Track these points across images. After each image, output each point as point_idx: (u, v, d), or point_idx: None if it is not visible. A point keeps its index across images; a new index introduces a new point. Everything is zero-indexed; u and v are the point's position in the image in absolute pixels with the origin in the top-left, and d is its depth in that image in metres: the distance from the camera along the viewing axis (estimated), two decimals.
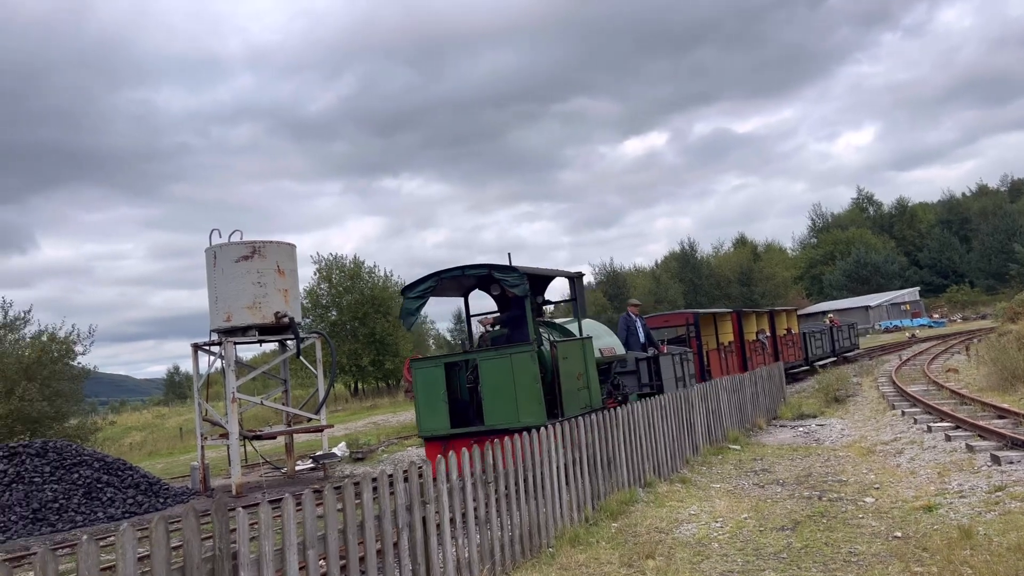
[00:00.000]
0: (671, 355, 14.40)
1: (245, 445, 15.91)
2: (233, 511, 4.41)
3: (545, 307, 11.96)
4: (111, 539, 10.04)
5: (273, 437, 16.63)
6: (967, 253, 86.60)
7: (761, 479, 9.67)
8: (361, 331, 43.96)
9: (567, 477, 7.58)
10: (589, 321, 12.81)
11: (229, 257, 15.12)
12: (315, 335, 16.68)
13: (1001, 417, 11.50)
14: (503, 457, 6.59)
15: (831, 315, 36.27)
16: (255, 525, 4.48)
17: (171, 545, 3.91)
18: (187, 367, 18.39)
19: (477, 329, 12.02)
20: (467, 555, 5.97)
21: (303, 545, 4.63)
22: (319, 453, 15.78)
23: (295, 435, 16.68)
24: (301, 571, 4.63)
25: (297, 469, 16.35)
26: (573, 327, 11.86)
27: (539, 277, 11.24)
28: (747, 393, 14.64)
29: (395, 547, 5.33)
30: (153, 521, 3.85)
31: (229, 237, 15.64)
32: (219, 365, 15.97)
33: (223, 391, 15.54)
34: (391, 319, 43.30)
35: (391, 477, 5.48)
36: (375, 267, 46.97)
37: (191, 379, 16.77)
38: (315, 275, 45.95)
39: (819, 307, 76.72)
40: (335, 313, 45.18)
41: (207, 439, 15.87)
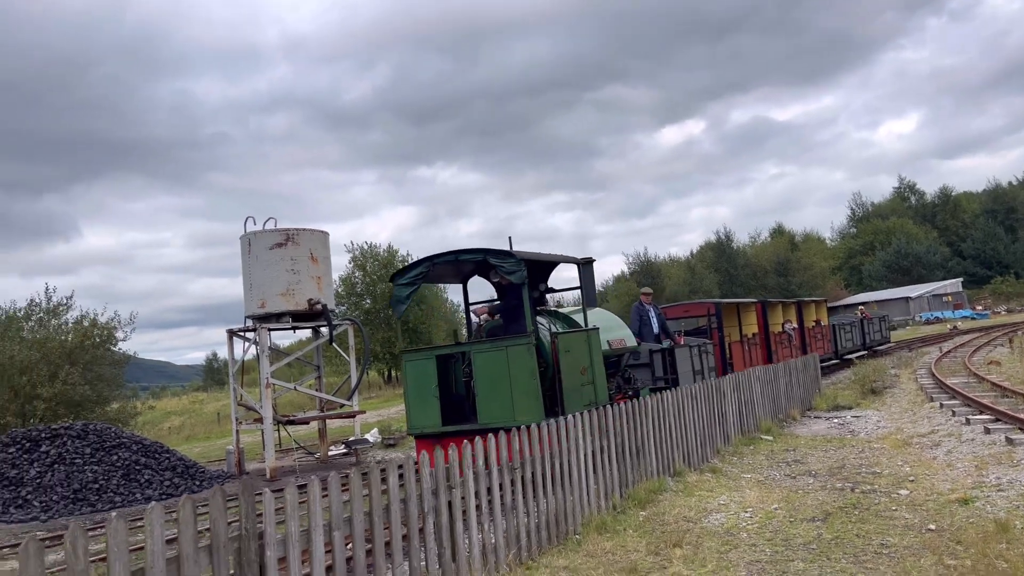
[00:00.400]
0: (688, 347, 13.68)
1: (279, 430, 16.15)
2: (260, 495, 4.46)
3: (548, 295, 11.24)
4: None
5: (306, 422, 16.85)
6: (1012, 243, 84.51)
7: (793, 470, 9.55)
8: (394, 319, 44.28)
9: (595, 465, 7.56)
10: (601, 311, 12.18)
11: (263, 244, 15.33)
12: (348, 322, 16.83)
13: None
14: (529, 444, 6.59)
15: (861, 307, 35.53)
16: (281, 511, 4.53)
17: (198, 526, 3.98)
18: (225, 354, 18.87)
19: (476, 320, 11.31)
20: (493, 540, 5.99)
21: (329, 526, 4.69)
22: (351, 439, 15.94)
23: (328, 421, 16.87)
24: (327, 553, 4.69)
25: (330, 454, 16.54)
26: (592, 316, 11.11)
27: (541, 263, 10.52)
28: (781, 384, 14.46)
29: (421, 532, 5.37)
30: (181, 501, 3.91)
31: (263, 225, 15.83)
32: (254, 351, 16.21)
33: (258, 377, 15.77)
34: (423, 308, 43.63)
35: (417, 463, 5.52)
36: (408, 256, 47.26)
37: (228, 365, 17.04)
38: (350, 263, 46.55)
39: (857, 298, 75.49)
40: (369, 301, 45.67)
41: (242, 424, 16.12)
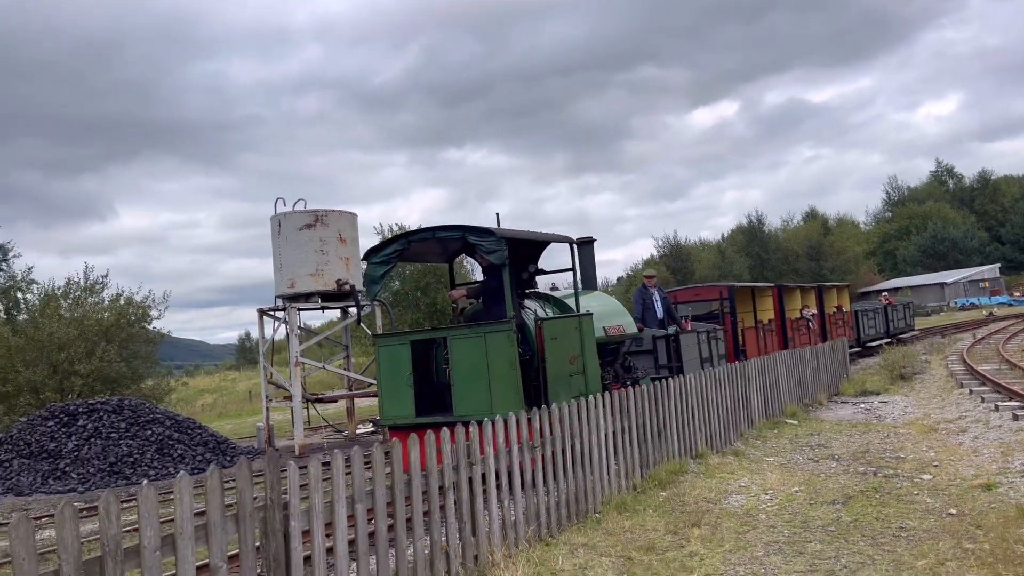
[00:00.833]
0: (695, 333, 13.11)
1: (308, 408, 16.44)
2: (285, 471, 4.61)
3: (553, 280, 10.57)
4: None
5: (335, 401, 17.14)
6: None
7: (816, 454, 9.55)
8: (423, 301, 44.62)
9: (615, 445, 7.63)
10: (602, 296, 11.54)
11: (293, 225, 15.56)
12: (376, 303, 17.01)
13: None
14: (550, 423, 6.68)
15: (885, 293, 34.86)
16: (306, 488, 4.67)
17: (226, 499, 4.12)
18: (257, 333, 19.25)
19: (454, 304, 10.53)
20: (513, 516, 6.11)
21: (352, 499, 4.82)
22: (378, 417, 16.16)
23: (356, 399, 17.12)
24: (350, 527, 4.83)
25: (358, 432, 16.81)
26: (589, 300, 10.51)
27: (529, 243, 9.73)
28: (808, 368, 14.39)
29: (442, 508, 5.49)
30: (209, 470, 4.06)
31: (293, 206, 16.05)
32: (284, 331, 16.49)
33: (288, 356, 16.07)
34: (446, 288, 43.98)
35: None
36: None
37: (259, 344, 17.36)
38: None
39: (891, 283, 74.44)
40: (398, 283, 46.03)
41: (272, 401, 16.44)
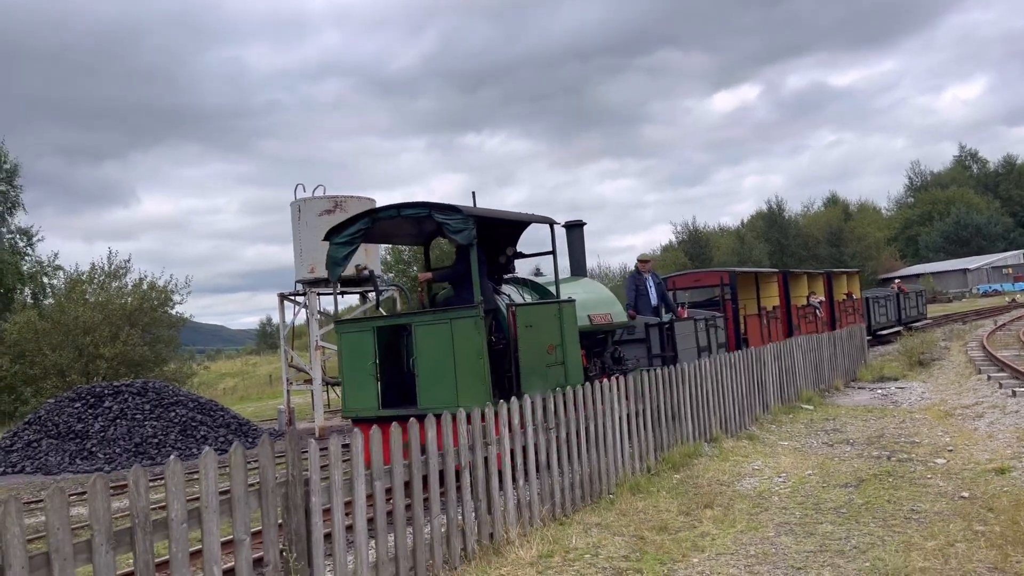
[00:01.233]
0: (692, 320, 12.64)
1: (328, 391, 16.66)
2: (305, 451, 4.75)
3: (516, 260, 9.77)
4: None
5: None
6: None
7: (831, 438, 9.60)
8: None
9: (630, 428, 7.73)
10: (591, 282, 11.08)
11: (312, 211, 15.74)
12: (394, 288, 17.18)
13: None
14: (564, 405, 6.79)
15: (898, 280, 34.49)
16: (326, 468, 4.80)
17: (248, 477, 4.27)
18: (277, 318, 19.53)
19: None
20: (528, 496, 6.23)
21: (371, 476, 4.96)
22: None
23: None
24: (369, 505, 4.97)
25: None
26: (574, 287, 10.08)
27: (503, 223, 9.05)
28: (824, 353, 14.39)
29: (458, 488, 5.62)
30: (232, 447, 4.21)
31: (313, 192, 16.23)
32: (304, 315, 16.70)
33: (308, 340, 16.29)
34: None
35: (455, 419, 5.76)
36: None
37: (280, 328, 17.60)
38: None
39: (913, 269, 73.79)
40: (416, 268, 46.41)
41: (293, 384, 16.68)
